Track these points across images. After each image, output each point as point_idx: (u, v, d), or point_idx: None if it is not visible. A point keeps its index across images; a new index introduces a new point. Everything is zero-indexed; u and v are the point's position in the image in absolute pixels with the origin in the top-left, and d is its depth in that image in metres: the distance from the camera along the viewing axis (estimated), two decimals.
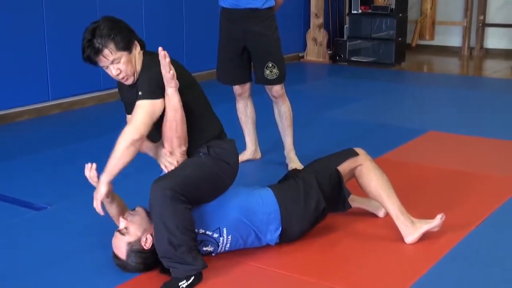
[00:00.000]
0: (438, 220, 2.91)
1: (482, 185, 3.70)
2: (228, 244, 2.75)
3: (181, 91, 2.62)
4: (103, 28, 2.56)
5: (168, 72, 2.56)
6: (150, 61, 2.65)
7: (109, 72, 2.66)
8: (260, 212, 2.78)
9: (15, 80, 5.24)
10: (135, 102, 2.62)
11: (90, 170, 2.73)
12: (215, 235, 2.71)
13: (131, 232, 2.64)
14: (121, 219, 2.69)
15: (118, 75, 2.63)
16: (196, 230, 2.64)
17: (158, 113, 2.59)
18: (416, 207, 3.15)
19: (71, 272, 2.75)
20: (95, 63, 2.62)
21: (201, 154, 2.72)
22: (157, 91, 2.59)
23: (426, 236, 2.92)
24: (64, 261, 2.85)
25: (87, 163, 2.76)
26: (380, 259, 2.82)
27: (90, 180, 2.74)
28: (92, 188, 2.72)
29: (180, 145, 2.67)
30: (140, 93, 2.57)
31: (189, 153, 2.73)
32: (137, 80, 2.65)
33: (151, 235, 2.63)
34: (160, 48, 2.56)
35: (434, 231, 2.92)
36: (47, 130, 5.18)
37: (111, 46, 2.56)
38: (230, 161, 2.76)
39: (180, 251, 2.51)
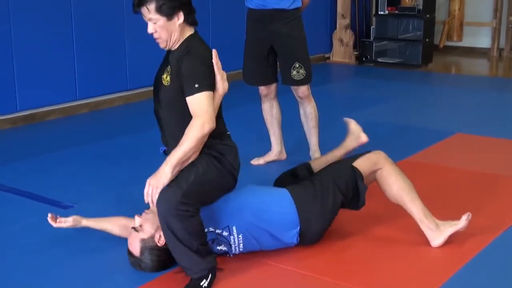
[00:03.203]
0: (463, 221, 2.87)
1: (510, 188, 3.64)
2: (242, 244, 2.75)
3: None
4: None
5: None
6: (199, 47, 2.70)
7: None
8: (273, 212, 2.77)
9: (44, 80, 5.31)
10: (161, 73, 2.73)
11: (54, 221, 2.88)
12: (225, 233, 2.71)
13: (145, 229, 2.67)
14: (136, 217, 2.74)
15: (152, 34, 2.69)
16: (207, 229, 2.66)
17: None
18: (443, 210, 3.11)
19: (94, 270, 2.78)
20: (137, 12, 2.69)
21: (204, 154, 2.68)
22: (213, 84, 2.66)
23: (452, 239, 2.88)
24: (89, 258, 2.88)
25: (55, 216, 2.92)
26: (404, 262, 2.79)
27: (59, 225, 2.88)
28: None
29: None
30: (197, 85, 2.60)
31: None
32: (181, 61, 2.67)
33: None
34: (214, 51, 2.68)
35: (460, 231, 2.88)
36: (75, 129, 5.23)
37: (152, 6, 2.62)
38: (231, 159, 2.74)
39: (190, 253, 2.53)
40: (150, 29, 2.67)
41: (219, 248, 2.74)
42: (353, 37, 8.14)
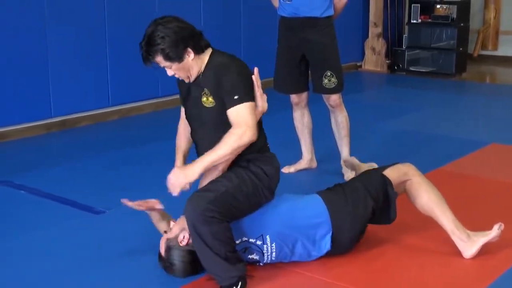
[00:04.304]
0: (495, 230, 2.82)
1: None
2: (274, 253, 2.74)
3: None
4: (156, 37, 2.58)
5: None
6: (227, 60, 2.69)
7: None
8: (306, 217, 2.76)
9: (77, 86, 5.39)
10: (197, 98, 2.69)
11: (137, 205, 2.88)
12: (259, 242, 2.71)
13: (173, 230, 2.74)
14: (171, 222, 2.82)
15: (173, 75, 2.70)
16: (240, 239, 2.67)
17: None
18: (474, 221, 3.06)
19: (125, 275, 2.80)
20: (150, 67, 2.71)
21: (240, 166, 2.67)
22: (252, 93, 2.65)
23: (485, 250, 2.83)
24: (120, 264, 2.90)
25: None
26: (436, 273, 2.75)
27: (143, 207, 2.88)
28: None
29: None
30: (236, 97, 2.58)
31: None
32: (217, 78, 2.64)
33: (190, 234, 2.66)
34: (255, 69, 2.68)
35: (493, 242, 2.83)
36: (107, 135, 5.29)
37: (159, 58, 2.61)
38: (268, 173, 2.72)
39: (219, 260, 2.53)
40: (169, 73, 2.68)
41: (250, 256, 2.73)
42: (385, 45, 8.09)
